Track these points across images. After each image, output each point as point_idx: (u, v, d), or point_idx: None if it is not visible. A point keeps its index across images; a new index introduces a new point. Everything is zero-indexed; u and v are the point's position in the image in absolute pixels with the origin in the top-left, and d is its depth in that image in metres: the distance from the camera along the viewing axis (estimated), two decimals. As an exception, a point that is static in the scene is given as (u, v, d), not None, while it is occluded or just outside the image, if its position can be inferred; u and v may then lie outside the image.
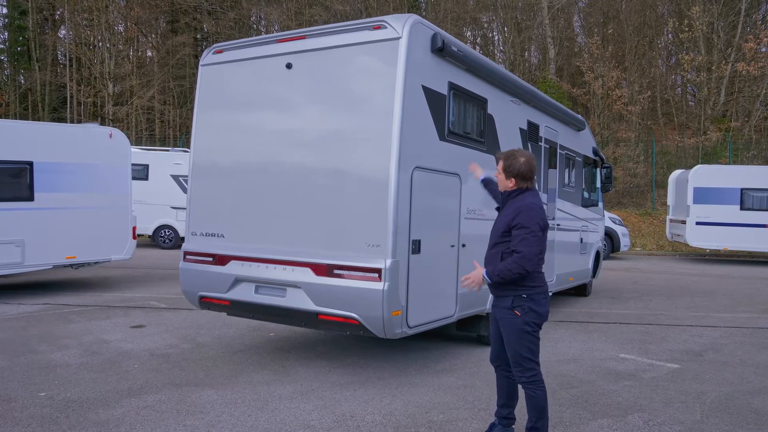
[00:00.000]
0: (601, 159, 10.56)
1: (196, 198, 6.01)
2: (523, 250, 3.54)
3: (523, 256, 3.53)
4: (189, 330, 7.27)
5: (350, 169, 5.05)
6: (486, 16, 33.54)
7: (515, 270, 3.55)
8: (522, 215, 3.61)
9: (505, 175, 3.77)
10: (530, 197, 3.72)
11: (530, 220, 3.57)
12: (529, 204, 3.66)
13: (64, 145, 9.56)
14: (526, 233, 3.56)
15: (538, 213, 3.63)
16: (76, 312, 8.35)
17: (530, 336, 3.66)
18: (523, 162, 3.73)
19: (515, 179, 3.75)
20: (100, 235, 9.92)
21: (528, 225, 3.56)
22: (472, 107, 5.96)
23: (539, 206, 3.68)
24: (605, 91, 26.37)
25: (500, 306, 3.73)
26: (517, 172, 3.73)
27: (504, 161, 3.80)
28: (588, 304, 9.68)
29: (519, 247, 3.56)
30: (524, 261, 3.54)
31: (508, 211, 3.73)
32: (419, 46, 5.03)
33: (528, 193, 3.76)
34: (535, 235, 3.56)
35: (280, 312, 5.32)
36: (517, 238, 3.58)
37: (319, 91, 5.27)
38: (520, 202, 3.68)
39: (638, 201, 24.64)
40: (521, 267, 3.55)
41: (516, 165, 3.73)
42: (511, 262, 3.57)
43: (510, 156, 3.79)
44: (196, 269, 5.82)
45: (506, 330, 3.70)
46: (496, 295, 3.79)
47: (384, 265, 4.75)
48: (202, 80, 6.05)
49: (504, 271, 3.57)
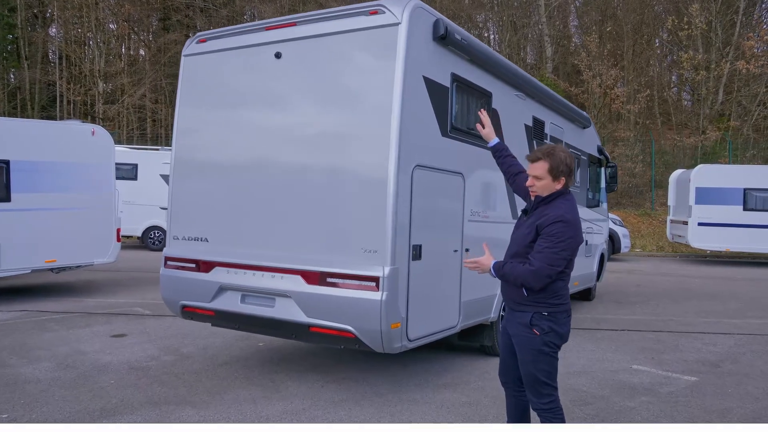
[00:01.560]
0: (605, 158, 10.17)
1: (177, 199, 5.56)
2: (537, 265, 3.09)
3: (536, 271, 3.10)
4: (172, 340, 6.82)
5: (345, 168, 4.62)
6: (481, 15, 33.17)
7: (519, 281, 3.16)
8: (555, 227, 3.10)
9: (553, 177, 3.22)
10: (566, 205, 3.21)
11: (562, 235, 3.09)
12: (562, 215, 3.14)
13: (43, 143, 9.08)
14: (551, 248, 3.09)
15: (573, 229, 3.14)
16: (54, 320, 7.88)
17: (548, 357, 3.23)
18: (565, 155, 3.24)
19: (566, 178, 3.24)
20: (82, 237, 9.44)
21: (557, 240, 3.09)
22: (476, 101, 5.54)
23: (575, 218, 3.18)
24: (603, 89, 26.03)
25: (516, 322, 3.30)
26: (568, 169, 3.22)
27: (550, 161, 3.21)
28: (593, 309, 9.28)
29: (535, 258, 3.12)
30: (533, 277, 3.11)
31: (539, 219, 3.20)
32: (420, 33, 4.61)
33: (564, 198, 3.25)
34: (557, 254, 3.08)
35: (268, 323, 4.88)
36: (539, 247, 3.14)
37: (310, 83, 4.83)
38: (553, 211, 3.17)
39: (637, 201, 24.31)
40: (527, 282, 3.14)
41: (565, 160, 3.22)
42: (520, 273, 3.15)
43: (551, 152, 3.24)
44: (178, 276, 5.37)
45: (522, 349, 3.27)
46: (512, 309, 3.35)
47: (382, 273, 4.31)
48: (185, 72, 5.60)
49: (509, 274, 3.20)
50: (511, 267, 3.20)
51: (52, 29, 32.95)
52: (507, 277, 3.22)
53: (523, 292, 3.22)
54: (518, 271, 3.16)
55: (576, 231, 3.15)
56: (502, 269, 3.24)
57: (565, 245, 3.10)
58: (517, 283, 3.18)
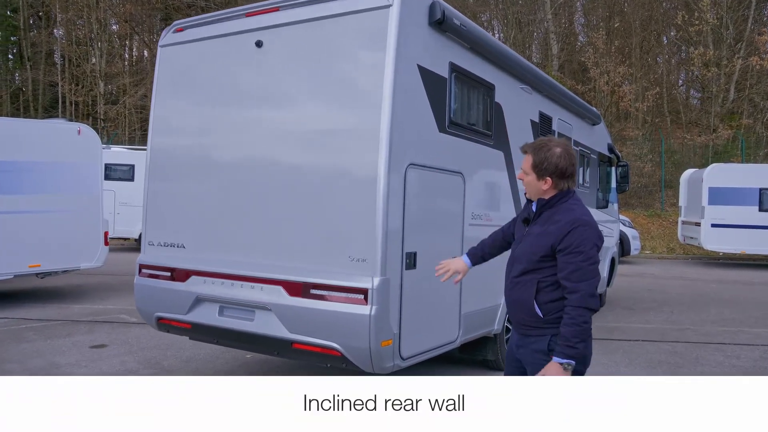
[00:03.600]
0: (616, 156, 9.68)
1: (153, 202, 5.12)
2: (582, 288, 2.57)
3: (584, 295, 2.57)
4: (155, 351, 6.38)
5: (331, 168, 4.17)
6: (486, 14, 32.68)
7: (585, 317, 2.57)
8: (574, 235, 2.61)
9: (537, 175, 2.76)
10: (578, 207, 2.72)
11: (585, 241, 2.61)
12: (580, 218, 2.65)
13: (26, 143, 8.66)
14: (582, 260, 2.59)
15: (593, 230, 2.67)
16: (34, 328, 7.46)
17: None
18: (560, 153, 2.72)
19: (551, 179, 2.73)
20: (68, 240, 9.01)
21: (584, 248, 2.60)
22: (478, 94, 5.08)
23: (592, 219, 2.72)
24: (611, 87, 25.47)
25: (531, 349, 2.78)
26: (554, 169, 2.71)
27: (534, 155, 2.76)
28: (604, 317, 8.78)
29: (574, 282, 2.59)
30: (588, 301, 2.57)
31: (548, 227, 2.71)
32: (414, 17, 4.15)
33: (572, 200, 2.75)
34: (594, 263, 2.62)
35: (248, 338, 4.43)
36: (568, 266, 2.60)
37: (293, 73, 4.38)
38: (565, 215, 2.68)
39: (646, 201, 23.74)
40: (589, 311, 2.58)
41: (552, 158, 2.71)
42: (575, 314, 2.56)
43: (542, 147, 2.76)
44: (153, 285, 4.93)
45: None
46: (524, 334, 2.82)
47: (371, 285, 3.86)
48: (161, 63, 5.16)
49: (577, 332, 2.55)
50: (566, 326, 2.58)
51: (54, 30, 32.67)
52: (580, 336, 2.57)
53: (536, 313, 2.73)
54: (574, 319, 2.58)
55: (597, 230, 2.70)
56: (570, 345, 2.57)
57: (596, 250, 2.65)
58: (587, 324, 2.59)
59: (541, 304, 2.72)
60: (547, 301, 2.71)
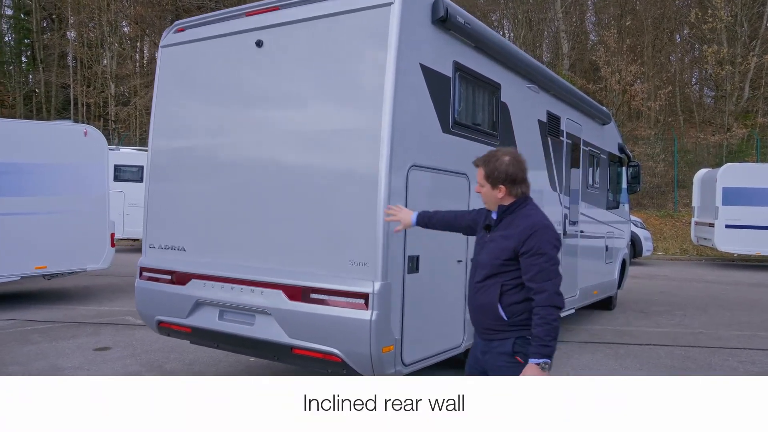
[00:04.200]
0: (627, 156, 9.51)
1: (154, 205, 5.07)
2: (547, 287, 2.67)
3: (550, 294, 2.67)
4: (158, 354, 6.33)
5: (331, 169, 4.09)
6: (496, 14, 32.49)
7: (554, 315, 2.67)
8: (535, 238, 2.71)
9: (491, 184, 2.87)
10: (536, 212, 2.85)
11: (546, 243, 2.72)
12: (540, 222, 2.78)
13: (32, 144, 8.65)
14: (545, 262, 2.69)
15: (552, 232, 2.79)
16: (40, 330, 7.45)
17: None
18: (509, 161, 2.85)
19: (505, 186, 2.84)
20: (74, 242, 8.99)
21: (545, 250, 2.71)
22: (483, 93, 4.97)
23: (551, 223, 2.85)
24: (622, 86, 25.19)
25: (495, 352, 2.83)
26: (505, 176, 2.83)
27: (485, 167, 2.90)
28: (614, 320, 8.63)
29: (539, 282, 2.68)
30: (555, 299, 2.68)
31: (509, 231, 2.81)
32: (416, 15, 4.05)
33: (530, 205, 2.88)
34: (555, 263, 2.74)
35: (248, 343, 4.36)
36: (532, 269, 2.70)
37: (294, 73, 4.30)
38: (525, 220, 2.80)
39: (659, 202, 23.43)
40: (556, 309, 2.68)
41: (501, 167, 2.84)
42: (544, 313, 2.64)
43: (491, 158, 2.90)
44: (153, 289, 4.88)
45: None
46: (486, 339, 2.88)
47: (372, 289, 3.77)
48: (162, 64, 5.11)
49: (548, 330, 2.64)
50: (538, 326, 2.66)
51: (66, 32, 32.90)
52: (552, 334, 2.66)
53: (500, 316, 2.80)
54: (543, 319, 2.66)
55: (555, 232, 2.82)
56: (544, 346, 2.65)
57: (556, 251, 2.77)
58: (555, 323, 2.68)
59: (506, 307, 2.79)
60: (511, 303, 2.78)
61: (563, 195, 6.71)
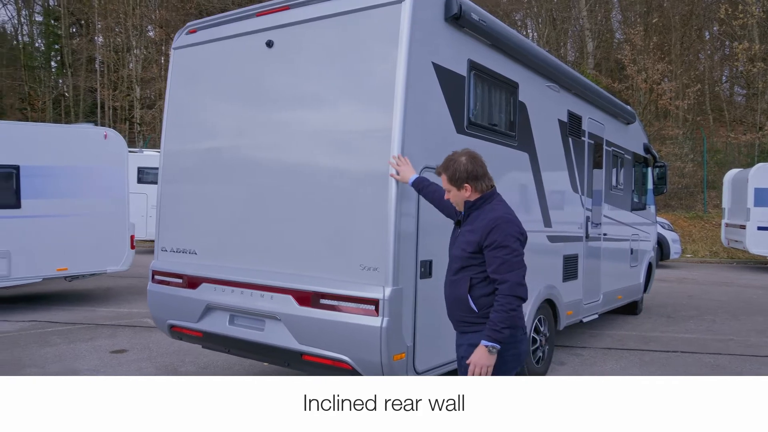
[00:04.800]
0: (653, 156, 9.24)
1: (166, 207, 5.03)
2: (509, 278, 2.81)
3: (512, 284, 2.80)
4: (173, 357, 6.31)
5: (342, 171, 3.99)
6: (519, 14, 32.13)
7: (513, 305, 2.79)
8: (497, 231, 2.85)
9: (456, 186, 3.03)
10: (501, 206, 3.00)
11: (508, 236, 2.85)
12: (502, 216, 2.91)
13: (54, 147, 8.75)
14: (507, 254, 2.82)
15: (515, 226, 2.93)
16: (59, 332, 7.50)
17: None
18: (465, 161, 3.01)
19: (469, 184, 3.00)
20: (95, 244, 9.06)
21: (507, 243, 2.84)
22: (500, 93, 4.83)
23: (514, 217, 2.99)
24: (649, 85, 24.65)
25: (467, 344, 2.96)
26: (467, 174, 2.99)
27: (446, 172, 3.06)
28: (640, 325, 8.38)
29: (502, 273, 2.82)
30: (516, 289, 2.81)
31: (475, 225, 2.96)
32: (429, 12, 3.93)
33: (495, 200, 3.03)
34: (518, 255, 2.86)
35: (258, 349, 4.28)
36: (495, 261, 2.84)
37: (304, 74, 4.21)
38: (489, 214, 2.94)
39: (687, 203, 22.87)
40: (517, 299, 2.81)
41: (461, 167, 3.00)
42: (504, 301, 2.78)
43: (449, 162, 3.06)
44: (165, 292, 4.84)
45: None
46: (461, 330, 3.05)
47: (382, 295, 3.65)
48: (174, 66, 5.07)
49: (504, 318, 2.78)
50: (495, 312, 2.80)
51: (93, 37, 33.47)
52: (506, 322, 2.79)
53: (471, 308, 2.94)
54: (501, 306, 2.80)
55: (518, 225, 2.95)
56: (497, 329, 2.78)
57: (519, 244, 2.89)
58: (514, 311, 2.82)
59: (475, 299, 2.93)
60: (480, 296, 2.91)
61: (585, 197, 6.51)
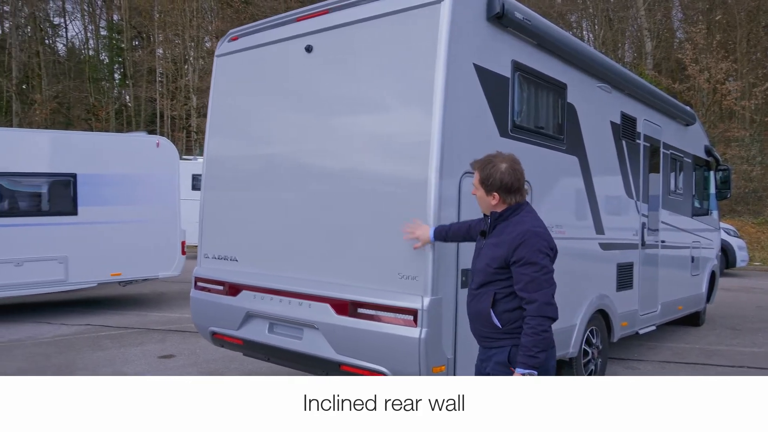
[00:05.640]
0: (715, 159, 8.75)
1: (209, 213, 5.05)
2: (538, 297, 2.63)
3: (540, 305, 2.63)
4: (219, 363, 6.35)
5: (380, 177, 3.89)
6: (574, 15, 31.36)
7: (544, 326, 2.62)
8: (525, 247, 2.67)
9: (485, 190, 2.86)
10: (529, 218, 2.80)
11: (537, 252, 2.68)
12: (530, 229, 2.72)
13: (108, 156, 9.04)
14: (536, 272, 2.65)
15: (544, 240, 2.74)
16: (111, 336, 7.70)
17: None
18: (505, 169, 2.82)
19: (498, 194, 2.82)
20: (147, 250, 9.30)
21: (536, 259, 2.66)
22: (547, 94, 4.63)
23: (544, 230, 2.79)
24: (712, 85, 23.55)
25: (493, 360, 2.82)
26: (499, 184, 2.81)
27: (480, 171, 2.88)
28: (703, 338, 7.91)
29: (530, 292, 2.65)
30: (545, 309, 2.63)
31: (502, 238, 2.78)
32: (469, 12, 3.79)
33: (524, 211, 2.83)
34: (547, 272, 2.69)
35: (297, 358, 4.23)
36: (523, 278, 2.67)
37: (343, 78, 4.14)
38: (516, 227, 2.75)
39: (755, 208, 21.69)
40: (547, 319, 2.64)
41: (497, 174, 2.82)
42: (534, 323, 2.61)
43: (487, 163, 2.87)
44: (207, 299, 4.85)
45: None
46: (484, 346, 2.90)
47: (421, 305, 3.52)
48: (217, 74, 5.10)
49: (536, 341, 2.60)
50: (525, 335, 2.64)
51: (154, 49, 34.77)
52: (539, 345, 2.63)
53: (495, 323, 2.78)
54: (532, 329, 2.63)
55: (547, 239, 2.75)
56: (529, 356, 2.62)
57: (549, 260, 2.72)
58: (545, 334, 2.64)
59: (499, 315, 2.77)
60: (504, 311, 2.75)
61: (641, 202, 6.19)
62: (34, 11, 33.03)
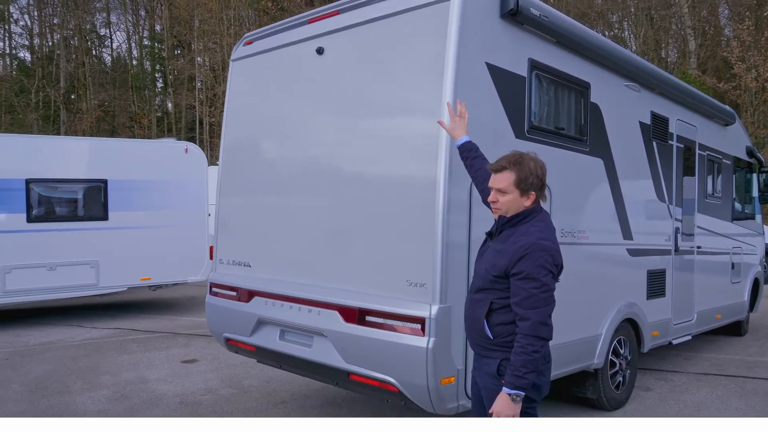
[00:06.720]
0: (758, 161, 8.32)
1: (224, 218, 5.03)
2: (531, 316, 2.46)
3: (533, 324, 2.46)
4: (239, 369, 6.33)
5: (389, 181, 3.77)
6: (615, 14, 30.60)
7: (535, 347, 2.45)
8: (527, 260, 2.48)
9: (522, 191, 2.61)
10: (537, 229, 2.57)
11: (539, 267, 2.49)
12: (536, 242, 2.51)
13: (138, 162, 9.19)
14: (534, 287, 2.47)
15: (549, 255, 2.52)
16: (139, 340, 7.79)
17: (522, 416, 2.54)
18: (536, 165, 2.64)
19: (536, 193, 2.64)
20: (176, 255, 9.41)
21: (537, 275, 2.48)
22: (568, 94, 4.44)
23: (551, 243, 2.57)
24: (760, 84, 22.60)
25: (483, 370, 2.69)
26: (538, 182, 2.63)
27: (517, 172, 2.60)
28: (744, 349, 7.50)
29: (524, 309, 2.48)
30: (538, 329, 2.46)
31: (505, 246, 2.59)
32: (480, 9, 3.65)
33: (535, 219, 2.62)
34: (547, 290, 2.50)
35: (307, 366, 4.14)
36: (520, 293, 2.49)
37: (353, 80, 4.05)
38: (522, 237, 2.55)
39: (806, 212, 20.65)
40: (539, 340, 2.46)
41: (536, 171, 2.62)
42: (525, 342, 2.45)
43: (518, 161, 2.62)
44: (221, 305, 4.82)
45: (490, 404, 2.59)
46: (478, 354, 2.75)
47: (429, 314, 3.39)
48: (232, 78, 5.08)
49: (525, 362, 2.44)
50: (515, 354, 2.48)
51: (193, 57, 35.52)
52: (528, 366, 2.46)
53: (486, 334, 2.63)
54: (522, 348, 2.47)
55: (552, 254, 2.54)
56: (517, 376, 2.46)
57: (551, 277, 2.53)
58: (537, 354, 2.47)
59: (492, 326, 2.63)
60: (498, 324, 2.61)
61: (674, 206, 5.90)
62: (80, 23, 34.19)
